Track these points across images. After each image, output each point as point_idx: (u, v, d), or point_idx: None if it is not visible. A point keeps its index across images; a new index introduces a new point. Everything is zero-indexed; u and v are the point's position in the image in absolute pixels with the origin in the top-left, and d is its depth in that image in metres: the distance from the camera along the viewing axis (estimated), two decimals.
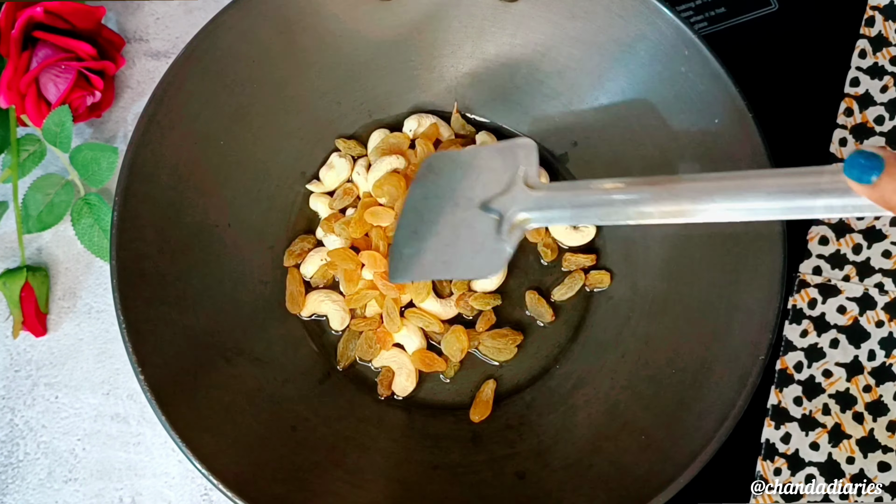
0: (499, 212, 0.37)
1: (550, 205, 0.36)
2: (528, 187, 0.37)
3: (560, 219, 0.38)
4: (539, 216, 0.37)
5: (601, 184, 0.36)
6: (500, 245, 0.37)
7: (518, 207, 0.37)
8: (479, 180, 0.39)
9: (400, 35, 0.49)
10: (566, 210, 0.36)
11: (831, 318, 0.49)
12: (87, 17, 0.51)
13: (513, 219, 0.37)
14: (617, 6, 0.45)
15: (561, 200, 0.36)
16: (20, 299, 0.50)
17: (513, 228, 0.37)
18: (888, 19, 0.53)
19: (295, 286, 0.48)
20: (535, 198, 0.37)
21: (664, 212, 0.34)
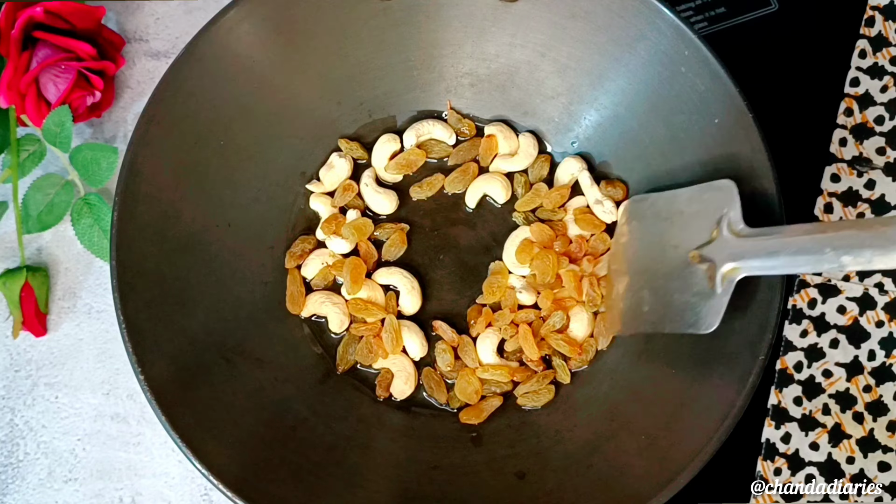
0: (707, 261, 0.36)
1: (759, 253, 0.36)
2: (733, 234, 0.37)
3: (768, 267, 0.36)
4: (748, 265, 0.36)
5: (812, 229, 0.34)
6: (714, 298, 0.36)
7: (726, 256, 0.36)
8: (684, 228, 0.38)
9: (400, 35, 0.49)
10: (777, 258, 0.35)
11: (831, 318, 0.49)
12: (87, 17, 0.51)
13: (723, 269, 0.36)
14: (617, 6, 0.45)
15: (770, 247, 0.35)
16: (20, 299, 0.50)
17: (724, 279, 0.36)
18: (888, 19, 0.53)
19: (295, 287, 0.48)
20: (744, 246, 0.36)
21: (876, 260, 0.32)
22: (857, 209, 0.50)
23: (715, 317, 0.37)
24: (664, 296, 0.38)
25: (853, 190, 0.51)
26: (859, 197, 0.51)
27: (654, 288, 0.38)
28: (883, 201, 0.51)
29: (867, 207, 0.50)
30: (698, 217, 0.38)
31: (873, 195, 0.51)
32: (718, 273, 0.36)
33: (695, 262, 0.37)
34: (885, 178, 0.51)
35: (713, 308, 0.37)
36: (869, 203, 0.51)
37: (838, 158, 0.52)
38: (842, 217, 0.50)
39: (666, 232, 0.39)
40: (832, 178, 0.51)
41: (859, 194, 0.51)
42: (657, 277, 0.38)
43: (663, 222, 0.40)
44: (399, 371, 0.47)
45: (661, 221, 0.40)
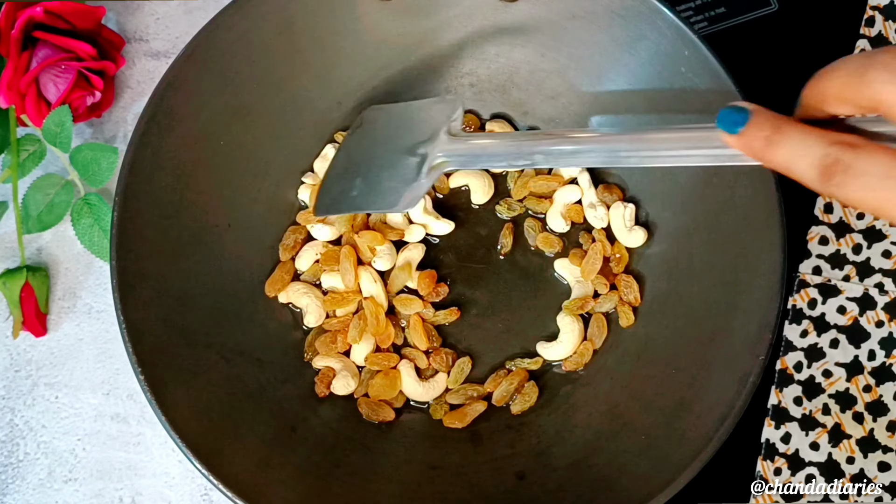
0: (421, 155, 0.40)
1: (466, 151, 0.40)
2: (450, 136, 0.40)
3: (473, 163, 0.41)
4: (455, 159, 0.40)
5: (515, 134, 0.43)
6: (419, 182, 0.40)
7: (438, 151, 0.40)
8: (409, 130, 0.42)
9: (400, 35, 0.49)
10: (479, 157, 0.40)
11: (831, 318, 0.49)
12: (87, 17, 0.51)
13: (433, 161, 0.40)
14: (617, 6, 0.45)
15: (475, 148, 0.40)
16: (20, 299, 0.50)
17: (431, 170, 0.40)
18: (888, 19, 0.53)
19: (283, 272, 0.48)
20: (454, 144, 0.40)
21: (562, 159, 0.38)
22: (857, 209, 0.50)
23: (414, 199, 0.40)
24: (375, 183, 0.41)
25: None
26: None
27: (366, 176, 0.42)
28: None
29: None
30: (424, 122, 0.42)
31: None
32: (427, 164, 0.40)
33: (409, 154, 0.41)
34: None
35: (414, 191, 0.40)
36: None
37: None
38: (841, 218, 0.50)
39: (393, 132, 0.43)
40: None
41: None
42: (372, 168, 0.42)
43: (393, 125, 0.44)
44: (341, 370, 0.47)
45: (392, 125, 0.44)
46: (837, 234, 0.50)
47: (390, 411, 0.46)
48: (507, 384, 0.46)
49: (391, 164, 0.41)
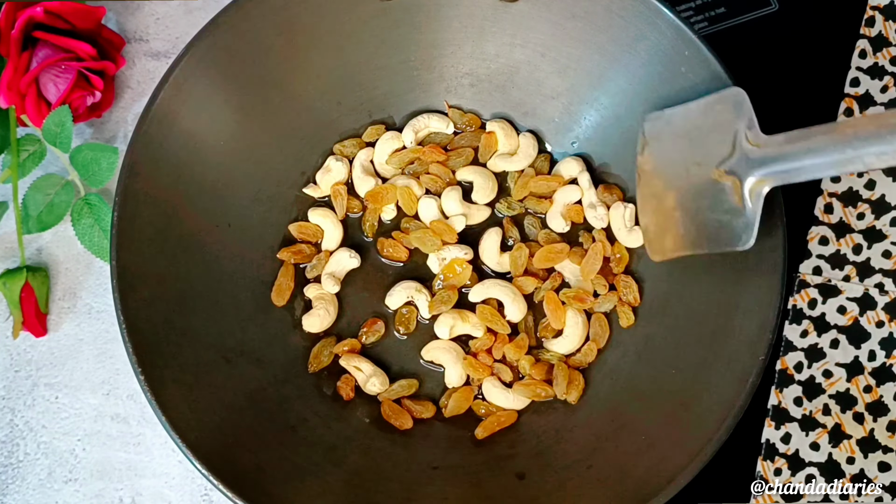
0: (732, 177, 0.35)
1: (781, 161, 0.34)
2: (752, 145, 0.35)
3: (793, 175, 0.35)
4: (773, 173, 0.35)
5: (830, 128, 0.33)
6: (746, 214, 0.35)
7: (749, 169, 0.35)
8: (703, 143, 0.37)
9: (400, 35, 0.49)
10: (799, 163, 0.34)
11: (831, 319, 0.49)
12: (87, 17, 0.51)
13: (748, 184, 0.35)
14: (617, 6, 0.45)
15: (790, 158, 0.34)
16: (20, 299, 0.50)
17: (752, 194, 0.35)
18: (888, 19, 0.53)
19: (285, 279, 0.48)
20: (765, 156, 0.35)
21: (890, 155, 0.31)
22: (857, 209, 0.50)
23: (749, 233, 0.35)
24: (696, 215, 0.37)
25: (853, 190, 0.51)
26: (859, 197, 0.51)
27: (685, 209, 0.37)
28: (883, 201, 0.51)
29: (867, 207, 0.50)
30: (714, 130, 0.37)
31: (873, 195, 0.51)
32: (745, 188, 0.35)
33: (720, 178, 0.36)
34: (885, 178, 0.51)
35: (746, 224, 0.35)
36: (869, 203, 0.51)
37: None
38: (842, 218, 0.50)
39: (686, 150, 0.38)
40: (832, 177, 0.51)
41: (859, 194, 0.51)
42: (686, 198, 0.37)
43: (681, 140, 0.38)
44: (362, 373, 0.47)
45: (679, 139, 0.39)
46: (838, 235, 0.50)
47: (409, 419, 0.46)
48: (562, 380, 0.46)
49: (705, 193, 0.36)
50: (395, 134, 0.50)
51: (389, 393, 0.46)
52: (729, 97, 0.37)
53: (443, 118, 0.50)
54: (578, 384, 0.46)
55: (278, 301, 0.48)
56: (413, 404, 0.46)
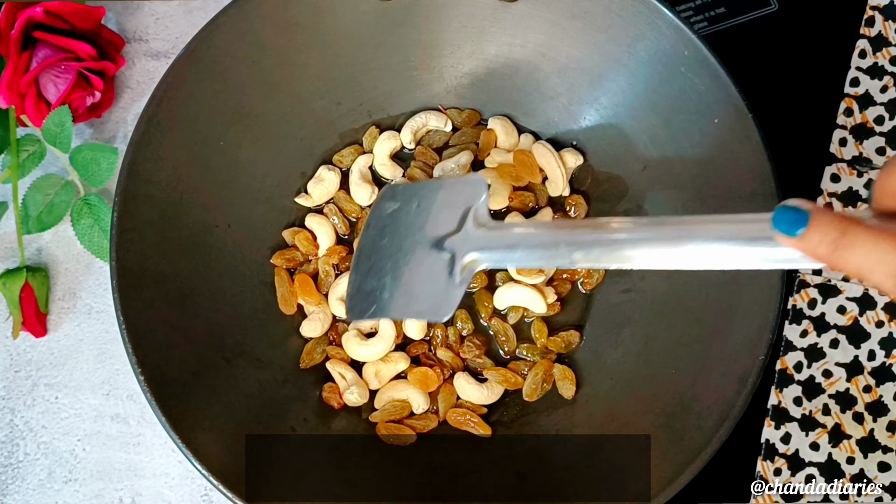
0: (450, 252, 0.37)
1: (498, 245, 0.36)
2: (477, 226, 0.37)
3: (506, 260, 0.38)
4: (486, 257, 0.37)
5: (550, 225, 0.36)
6: (453, 288, 0.36)
7: (468, 248, 0.37)
8: (434, 216, 0.39)
9: (400, 35, 0.49)
10: (514, 252, 0.36)
11: (831, 319, 0.49)
12: (87, 17, 0.51)
13: (463, 260, 0.36)
14: (617, 6, 0.45)
15: (508, 241, 0.36)
16: (20, 300, 0.50)
17: (464, 269, 0.37)
18: (888, 19, 0.53)
19: (285, 287, 0.48)
20: (485, 239, 0.37)
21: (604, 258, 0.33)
22: (857, 209, 0.50)
23: (450, 306, 0.37)
24: (406, 284, 0.38)
25: (853, 190, 0.51)
26: (859, 197, 0.51)
27: (395, 275, 0.39)
28: None
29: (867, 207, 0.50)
30: (447, 207, 0.38)
31: None
32: (458, 263, 0.36)
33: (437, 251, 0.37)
34: None
35: (450, 297, 0.37)
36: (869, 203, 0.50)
37: (838, 158, 0.52)
38: None
39: (414, 220, 0.40)
40: (832, 178, 0.51)
41: (859, 194, 0.51)
42: (400, 265, 0.39)
43: (413, 211, 0.40)
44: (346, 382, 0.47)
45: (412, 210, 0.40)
46: None
47: (413, 434, 0.46)
48: (534, 376, 0.46)
49: (419, 262, 0.38)
50: (393, 134, 0.50)
51: (383, 414, 0.46)
52: (470, 181, 0.39)
53: (441, 116, 0.51)
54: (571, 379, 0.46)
55: (287, 310, 0.48)
56: (415, 422, 0.46)
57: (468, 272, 0.37)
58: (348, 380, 0.46)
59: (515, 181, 0.49)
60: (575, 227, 0.36)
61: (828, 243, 0.28)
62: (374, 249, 0.40)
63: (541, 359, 0.47)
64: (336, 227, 0.49)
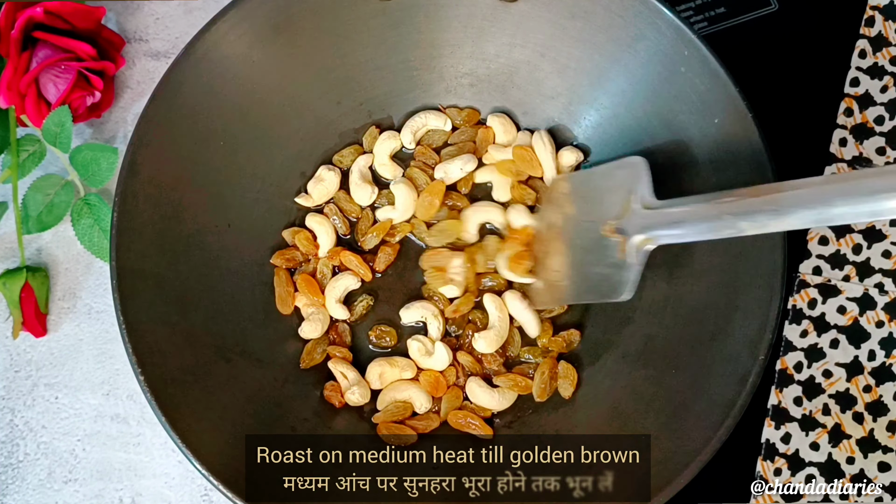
0: (621, 234, 0.38)
1: (665, 223, 0.37)
2: (643, 207, 0.38)
3: (675, 236, 0.38)
4: (657, 234, 0.38)
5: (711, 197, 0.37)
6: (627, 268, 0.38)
7: (637, 228, 0.38)
8: (599, 203, 0.40)
9: (400, 35, 0.49)
10: (682, 227, 0.37)
11: (831, 319, 0.49)
12: (87, 17, 0.51)
13: (634, 240, 0.38)
14: (617, 6, 0.45)
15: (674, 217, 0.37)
16: (20, 300, 0.50)
17: (637, 250, 0.38)
18: (888, 19, 0.53)
19: (283, 287, 0.48)
20: (652, 218, 0.38)
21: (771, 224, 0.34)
22: None
23: (628, 286, 0.38)
24: (581, 269, 0.40)
25: None
26: None
27: (572, 263, 0.40)
28: None
29: None
30: (611, 192, 0.40)
31: None
32: (630, 244, 0.38)
33: (608, 234, 0.39)
34: None
35: (627, 278, 0.38)
36: None
37: (838, 158, 0.52)
38: None
39: (582, 208, 0.41)
40: None
41: None
42: (575, 252, 0.40)
43: (579, 199, 0.42)
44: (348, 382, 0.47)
45: (578, 199, 0.42)
46: (837, 234, 0.50)
47: (414, 434, 0.46)
48: (541, 375, 0.46)
49: (593, 248, 0.39)
50: (393, 134, 0.50)
51: (385, 415, 0.46)
52: (630, 163, 0.40)
53: (440, 115, 0.51)
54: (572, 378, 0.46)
55: (284, 310, 0.48)
56: (416, 422, 0.46)
57: (641, 252, 0.38)
58: (350, 379, 0.46)
59: (516, 176, 0.49)
60: (737, 198, 0.36)
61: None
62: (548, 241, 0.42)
63: (543, 358, 0.47)
64: (336, 227, 0.49)
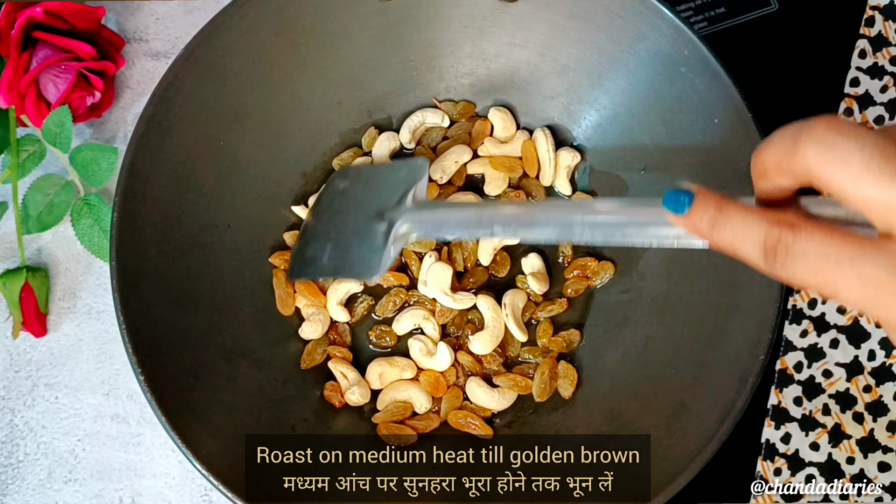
0: (388, 222, 0.40)
1: (429, 220, 0.40)
2: (416, 204, 0.41)
3: (436, 232, 0.41)
4: (419, 228, 0.40)
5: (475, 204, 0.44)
6: (385, 252, 0.40)
7: (403, 219, 0.40)
8: (379, 193, 0.42)
9: (400, 35, 0.49)
10: (441, 225, 0.40)
11: (831, 318, 0.49)
12: (87, 17, 0.51)
13: (398, 230, 0.40)
14: (617, 6, 0.45)
15: (438, 217, 0.40)
16: (20, 300, 0.50)
17: (398, 238, 0.40)
18: (888, 19, 0.53)
19: (283, 288, 0.48)
20: (417, 211, 0.40)
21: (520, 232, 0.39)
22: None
23: (380, 268, 0.40)
24: (344, 249, 0.42)
25: None
26: None
27: (337, 241, 0.42)
28: None
29: None
30: (392, 187, 0.42)
31: None
32: (393, 232, 0.40)
33: (377, 221, 0.41)
34: None
35: (381, 260, 0.40)
36: None
37: None
38: None
39: (361, 195, 0.43)
40: None
41: None
42: (343, 233, 0.42)
43: (361, 189, 0.44)
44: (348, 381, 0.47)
45: (360, 188, 0.44)
46: None
47: (414, 434, 0.46)
48: (541, 375, 0.46)
49: (359, 231, 0.41)
50: (392, 135, 0.50)
51: (385, 415, 0.46)
52: (414, 165, 0.43)
53: (437, 112, 0.51)
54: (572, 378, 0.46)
55: (285, 311, 0.48)
56: (416, 422, 0.46)
57: (402, 240, 0.40)
58: (350, 379, 0.46)
59: (508, 171, 0.49)
60: (497, 206, 0.42)
61: (707, 219, 0.30)
62: (320, 222, 0.44)
63: (543, 358, 0.47)
64: None
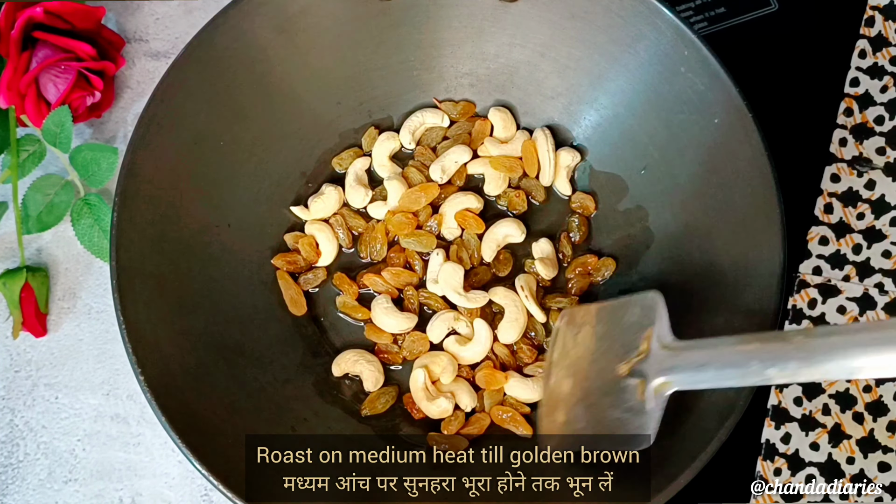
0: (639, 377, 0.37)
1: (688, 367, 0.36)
2: (663, 348, 0.37)
3: (697, 381, 0.36)
4: (678, 379, 0.36)
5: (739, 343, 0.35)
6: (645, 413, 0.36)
7: (657, 370, 0.36)
8: (616, 341, 0.39)
9: (400, 35, 0.49)
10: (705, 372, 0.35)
11: (831, 319, 0.49)
12: (87, 17, 0.51)
13: (653, 384, 0.36)
14: (617, 6, 0.45)
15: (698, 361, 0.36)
16: (20, 300, 0.50)
17: (655, 393, 0.36)
18: (888, 19, 0.53)
19: (291, 290, 0.48)
20: (673, 360, 0.36)
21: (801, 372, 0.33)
22: (857, 209, 0.50)
23: (647, 433, 0.37)
24: (597, 412, 0.38)
25: (853, 190, 0.51)
26: (859, 197, 0.51)
27: (588, 404, 0.39)
28: (883, 201, 0.51)
29: (867, 207, 0.50)
30: (629, 331, 0.38)
31: (873, 195, 0.51)
32: (649, 387, 0.36)
33: (625, 376, 0.37)
34: (885, 178, 0.51)
35: (646, 424, 0.37)
36: (869, 203, 0.51)
37: (838, 158, 0.52)
38: (842, 218, 0.50)
39: (599, 345, 0.40)
40: (832, 178, 0.51)
41: (859, 194, 0.51)
42: (590, 393, 0.38)
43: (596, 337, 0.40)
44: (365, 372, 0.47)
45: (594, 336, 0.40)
46: (837, 235, 0.50)
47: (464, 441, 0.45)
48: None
49: (608, 390, 0.37)
50: (392, 135, 0.50)
51: (450, 426, 0.46)
52: (645, 300, 0.39)
53: (437, 112, 0.51)
54: None
55: (297, 311, 0.48)
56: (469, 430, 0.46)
57: (660, 396, 0.36)
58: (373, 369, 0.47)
59: (508, 171, 0.49)
60: (765, 342, 0.35)
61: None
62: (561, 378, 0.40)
63: None
64: (340, 238, 0.49)
